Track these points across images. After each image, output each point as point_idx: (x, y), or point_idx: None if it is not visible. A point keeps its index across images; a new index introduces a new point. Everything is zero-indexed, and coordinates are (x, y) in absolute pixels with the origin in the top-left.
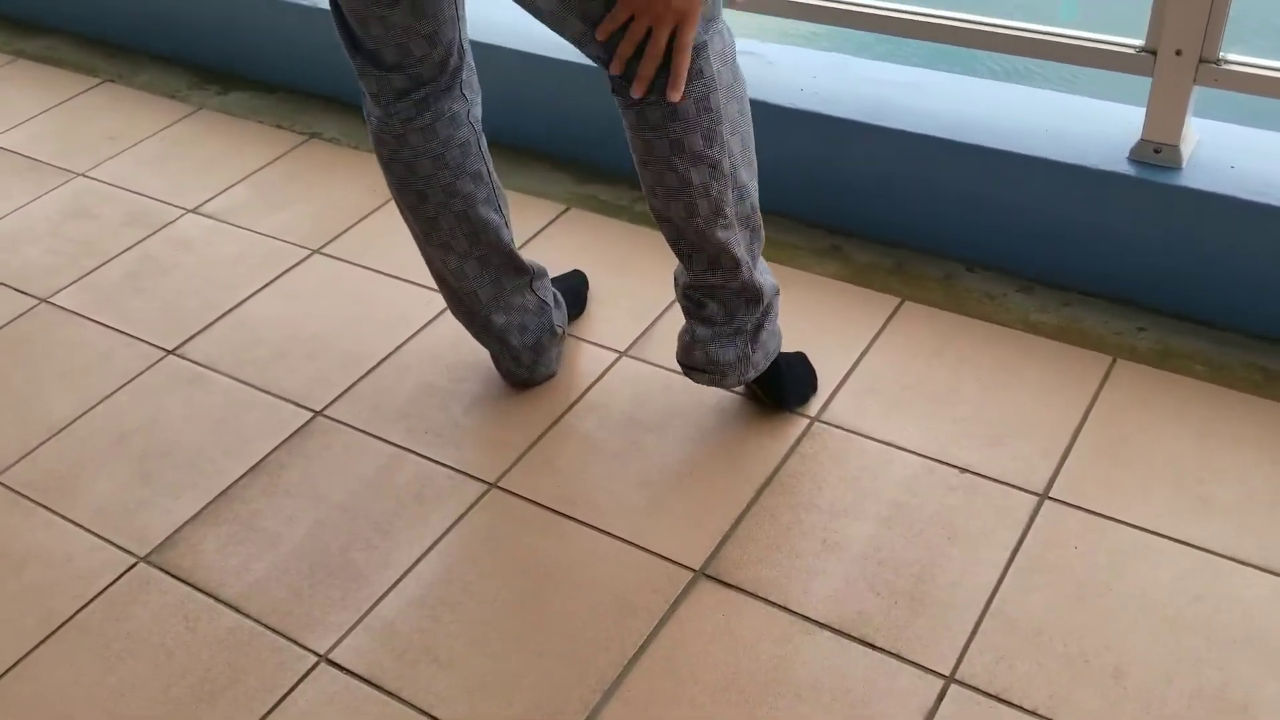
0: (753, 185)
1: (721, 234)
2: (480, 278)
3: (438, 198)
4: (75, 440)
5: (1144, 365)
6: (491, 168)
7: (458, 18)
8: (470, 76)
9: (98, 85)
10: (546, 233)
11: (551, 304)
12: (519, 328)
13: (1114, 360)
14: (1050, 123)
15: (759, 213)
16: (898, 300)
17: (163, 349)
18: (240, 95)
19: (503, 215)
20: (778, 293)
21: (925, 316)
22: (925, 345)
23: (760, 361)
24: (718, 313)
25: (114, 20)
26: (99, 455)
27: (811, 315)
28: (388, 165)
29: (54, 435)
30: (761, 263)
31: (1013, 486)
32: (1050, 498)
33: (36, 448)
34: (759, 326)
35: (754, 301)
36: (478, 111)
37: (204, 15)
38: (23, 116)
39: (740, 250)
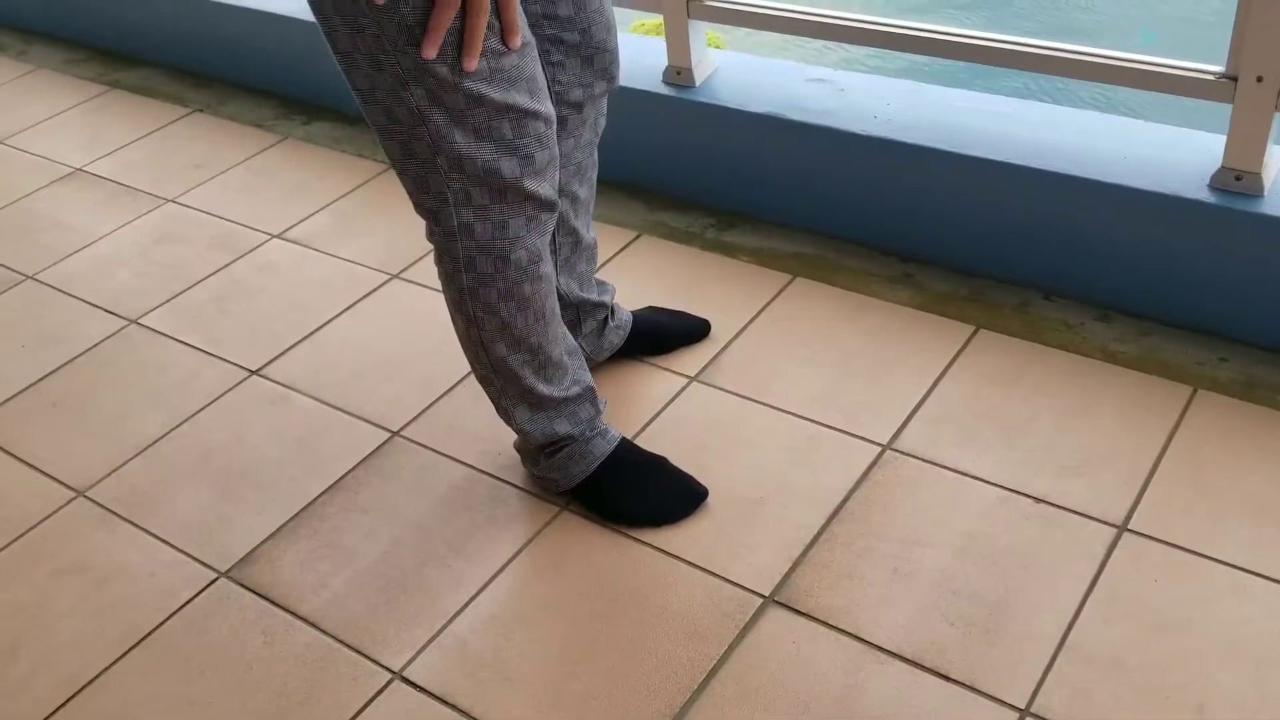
0: (534, 382)
1: (488, 389)
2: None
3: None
4: (161, 457)
5: (1226, 396)
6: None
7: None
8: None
9: (188, 115)
10: (618, 259)
11: (604, 291)
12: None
13: (1195, 391)
14: (1129, 149)
15: (520, 379)
16: (972, 328)
17: (247, 369)
18: (323, 125)
19: (553, 244)
20: (557, 443)
21: (1001, 344)
22: (1001, 373)
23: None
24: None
25: (204, 52)
26: (183, 472)
27: (884, 344)
28: None
29: (140, 452)
30: (525, 414)
31: (1090, 518)
32: (1129, 529)
33: (123, 464)
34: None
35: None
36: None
37: (289, 48)
38: (117, 144)
39: (506, 404)
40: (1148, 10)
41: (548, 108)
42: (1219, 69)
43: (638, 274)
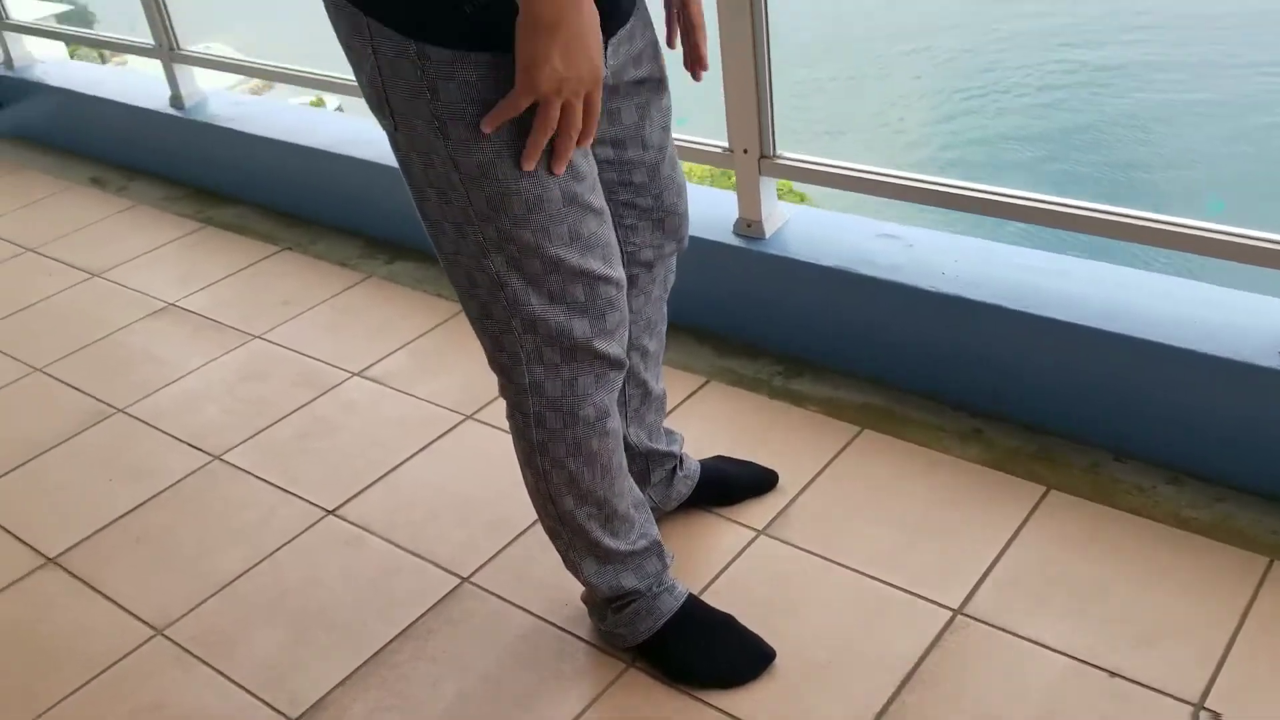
0: (601, 536)
1: (557, 542)
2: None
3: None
4: (238, 597)
5: None
6: (658, 336)
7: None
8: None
9: (278, 252)
10: (686, 405)
11: (670, 440)
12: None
13: (1271, 561)
14: (1198, 313)
15: (587, 532)
16: (1043, 489)
17: (323, 509)
18: (406, 265)
19: (623, 396)
20: (624, 597)
21: (1071, 506)
22: (1072, 537)
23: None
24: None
25: (295, 193)
26: (259, 612)
27: (954, 501)
28: None
29: (219, 591)
30: (593, 566)
31: (1166, 694)
32: (1205, 708)
33: (202, 603)
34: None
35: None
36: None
37: (374, 190)
38: (209, 280)
39: (572, 556)
40: (1198, 134)
41: (620, 273)
42: None
43: (705, 421)
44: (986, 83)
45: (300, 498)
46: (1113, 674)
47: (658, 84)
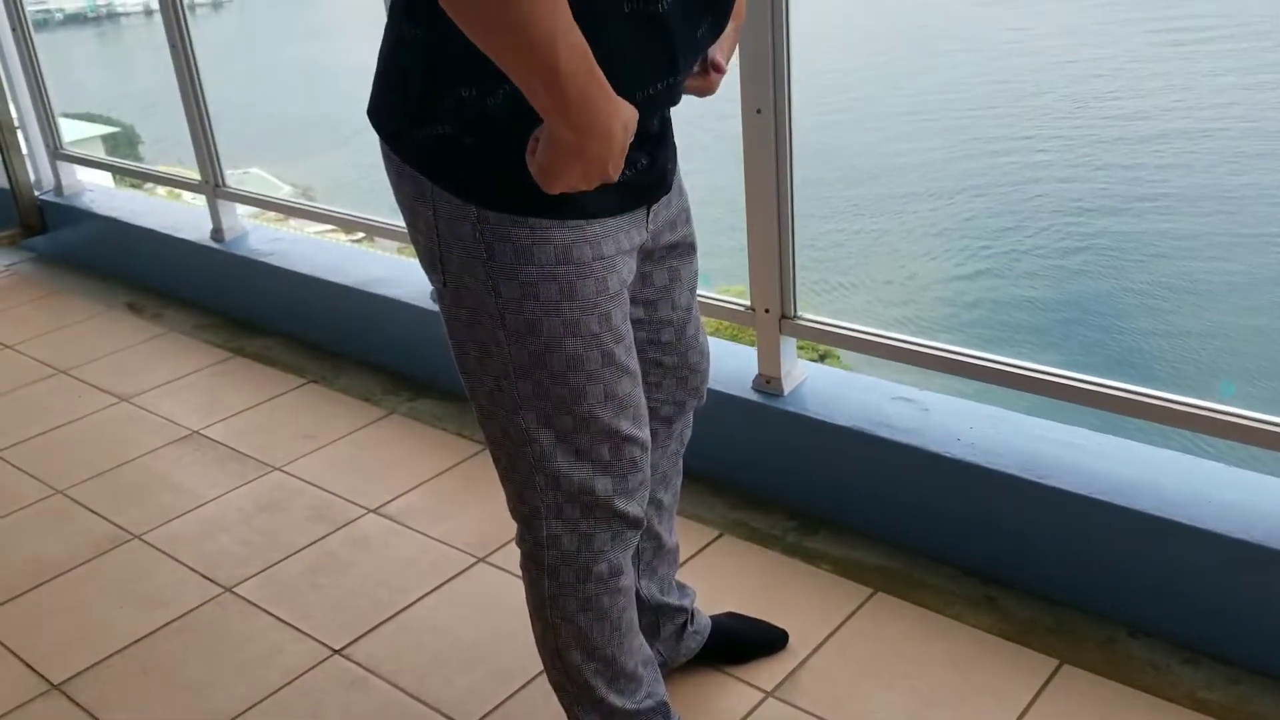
0: (588, 667)
1: (562, 696)
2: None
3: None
4: None
5: None
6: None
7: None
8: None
9: (303, 385)
10: (698, 558)
11: (682, 597)
12: (641, 585)
13: None
14: (1211, 492)
15: (593, 689)
16: (1056, 662)
17: (330, 648)
18: (428, 402)
19: (638, 555)
20: None
21: (1085, 683)
22: (1085, 715)
23: None
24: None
25: (323, 326)
26: None
27: (964, 671)
28: None
29: None
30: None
31: None
32: None
33: None
34: None
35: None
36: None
37: (400, 328)
38: (233, 410)
39: (564, 701)
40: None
41: (646, 435)
42: None
43: (717, 575)
44: (1008, 244)
45: (308, 635)
46: None
47: (689, 248)
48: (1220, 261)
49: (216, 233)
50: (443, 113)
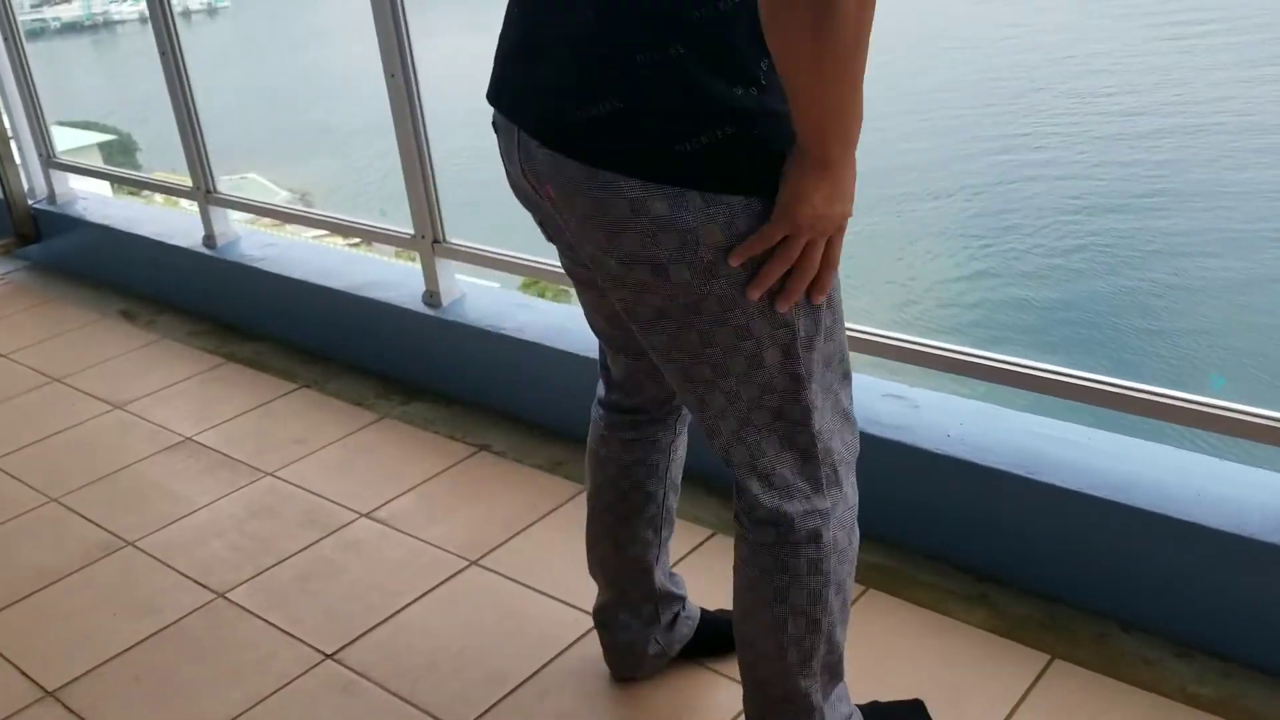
0: (843, 635)
1: (803, 682)
2: (617, 577)
3: (608, 497)
4: None
5: None
6: (670, 500)
7: None
8: (682, 412)
9: (295, 390)
10: (691, 558)
11: (663, 624)
12: (630, 626)
13: None
14: (1205, 487)
15: (843, 657)
16: (1048, 657)
17: (322, 653)
18: (420, 406)
19: (658, 534)
20: None
21: (1077, 678)
22: (1077, 709)
23: None
24: None
25: (316, 331)
26: None
27: (957, 666)
28: (591, 451)
29: None
30: (835, 698)
31: None
32: None
33: None
34: None
35: None
36: (682, 444)
37: (393, 331)
38: (225, 416)
39: (817, 698)
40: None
41: None
42: None
43: (710, 573)
44: (1007, 243)
45: (300, 640)
46: None
47: None
48: (1216, 258)
49: (209, 239)
50: (725, 114)
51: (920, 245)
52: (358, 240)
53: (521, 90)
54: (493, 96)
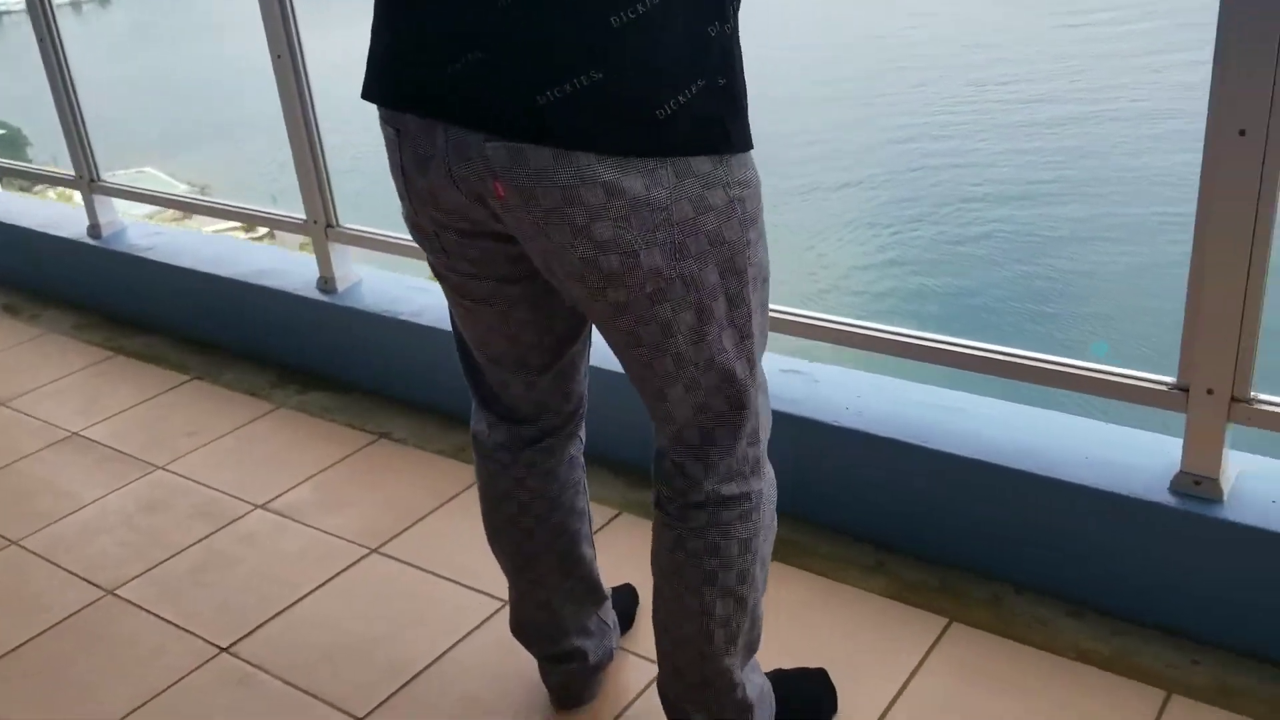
0: (762, 608)
1: (726, 660)
2: (565, 609)
3: (544, 538)
4: None
5: (1200, 702)
6: (588, 502)
7: (587, 370)
8: (584, 417)
9: (186, 382)
10: (598, 537)
11: (611, 627)
12: (588, 652)
13: (1168, 695)
14: (1091, 450)
15: (761, 632)
16: (945, 620)
17: (217, 646)
18: (318, 395)
19: (594, 548)
20: (765, 695)
21: (973, 639)
22: (974, 671)
23: None
24: None
25: (206, 322)
26: None
27: (857, 633)
28: (498, 504)
29: None
30: (749, 669)
31: None
32: None
33: None
34: None
35: (744, 714)
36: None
37: (287, 320)
38: (114, 410)
39: (737, 674)
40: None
41: None
42: (1171, 380)
43: (616, 553)
44: (914, 232)
45: (193, 634)
46: None
47: None
48: (1114, 244)
49: (93, 229)
50: (703, 63)
51: (832, 235)
52: (265, 232)
53: (449, 85)
54: (395, 99)
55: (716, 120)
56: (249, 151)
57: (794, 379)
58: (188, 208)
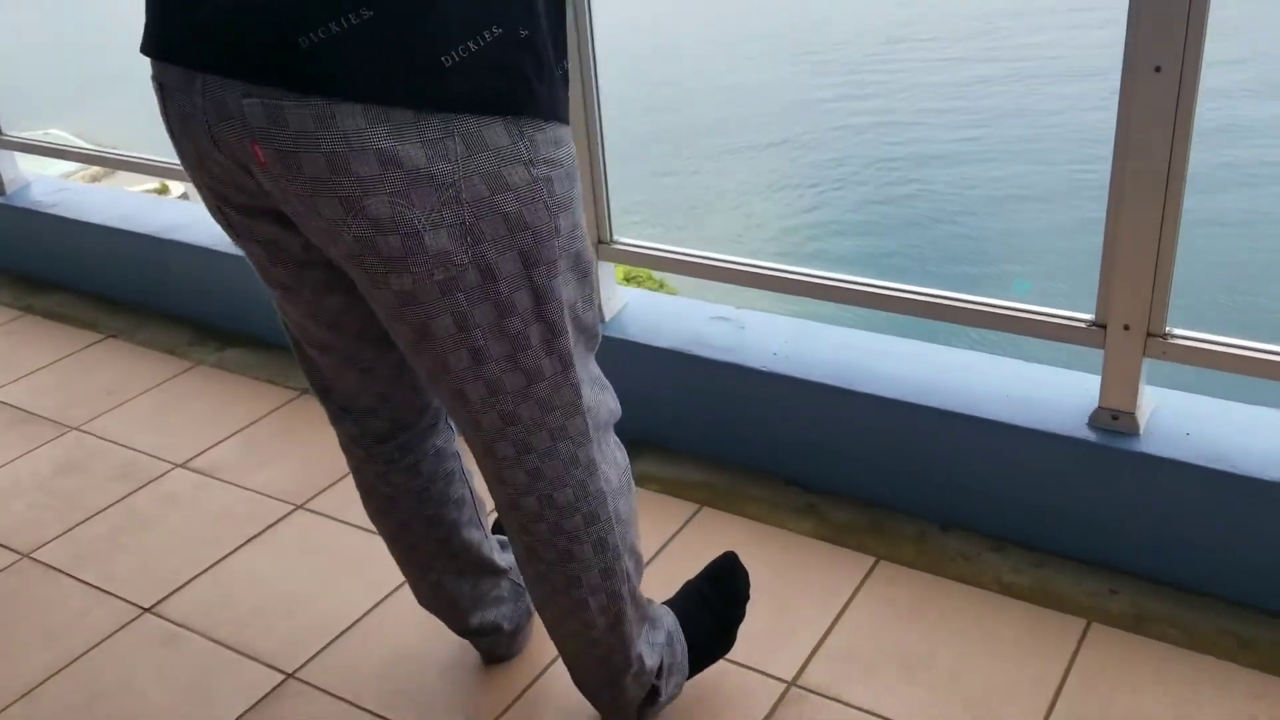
0: (640, 581)
1: (615, 642)
2: (462, 588)
3: (419, 528)
4: (42, 704)
5: (1118, 629)
6: (473, 485)
7: None
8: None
9: (100, 341)
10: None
11: (524, 586)
12: (501, 622)
13: (1089, 623)
14: (1011, 388)
15: (645, 602)
16: (873, 559)
17: (140, 607)
18: (237, 352)
19: (483, 528)
20: (671, 640)
21: (901, 576)
22: (901, 606)
23: (675, 691)
24: (621, 701)
25: (120, 279)
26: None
27: (789, 575)
28: (366, 497)
29: (21, 697)
30: (648, 633)
31: None
32: None
33: (1, 711)
34: (660, 684)
35: (655, 678)
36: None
37: (205, 276)
38: (26, 370)
39: (632, 648)
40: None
41: None
42: (1089, 317)
43: None
44: (839, 191)
45: (115, 595)
46: None
47: None
48: (1037, 202)
49: None
50: (502, 10)
51: (759, 197)
52: (181, 192)
53: (205, 28)
54: (158, 49)
55: (516, 76)
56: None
57: (721, 326)
58: (94, 160)
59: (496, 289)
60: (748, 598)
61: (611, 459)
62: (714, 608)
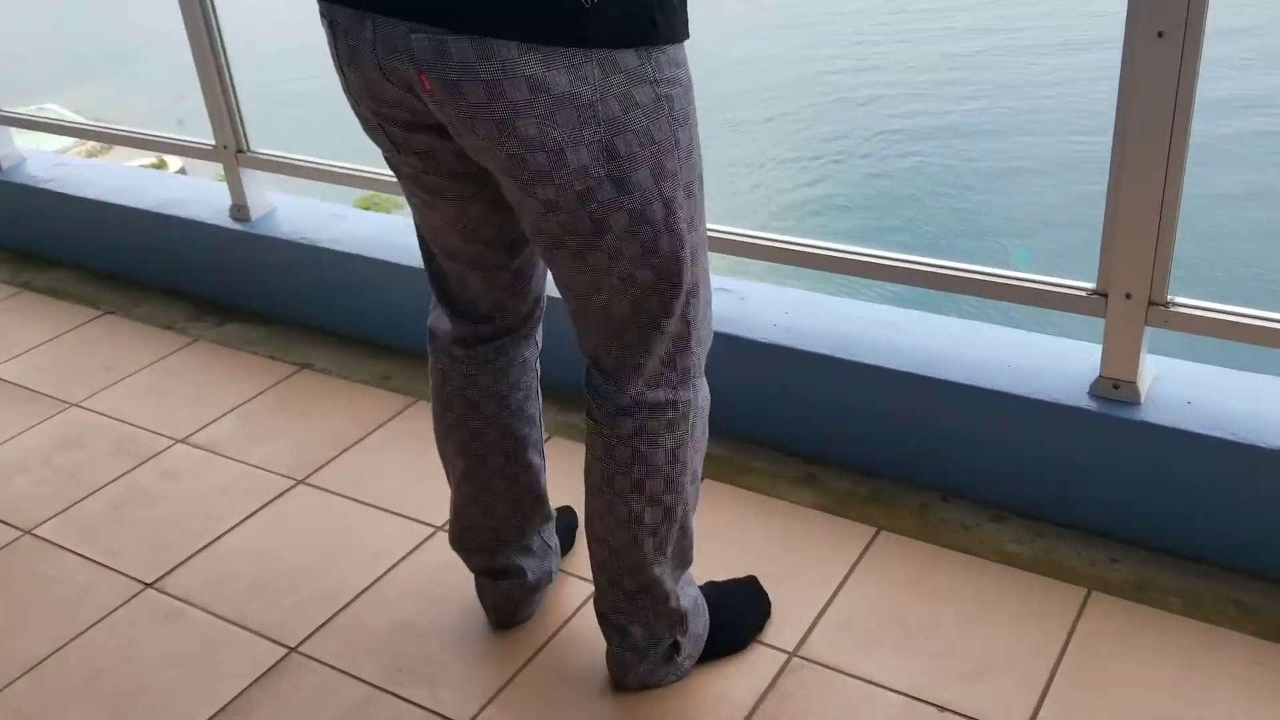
0: (693, 521)
1: (657, 569)
2: (508, 519)
3: (492, 437)
4: (46, 679)
5: (1119, 598)
6: (541, 411)
7: (545, 271)
8: (541, 321)
9: (99, 317)
10: None
11: (553, 549)
12: (527, 570)
13: (1089, 592)
14: (1013, 359)
15: (693, 544)
16: (874, 530)
17: (141, 582)
18: (236, 327)
19: (543, 459)
20: (699, 605)
21: (901, 546)
22: (902, 576)
23: (689, 661)
24: (641, 637)
25: (117, 254)
26: (68, 695)
27: (789, 545)
28: (449, 402)
29: (25, 673)
30: (683, 582)
31: None
32: None
33: (6, 686)
34: (682, 640)
35: (677, 623)
36: (539, 355)
37: (203, 251)
38: (24, 347)
39: (670, 584)
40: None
41: None
42: (1090, 286)
43: (551, 474)
44: (842, 164)
45: (117, 571)
46: (942, 709)
47: None
48: (1039, 175)
49: None
50: None
51: (761, 170)
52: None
53: None
54: None
55: (644, 11)
56: (157, 80)
57: (724, 297)
58: (90, 135)
59: (629, 199)
60: (763, 626)
61: (702, 379)
62: (726, 616)
